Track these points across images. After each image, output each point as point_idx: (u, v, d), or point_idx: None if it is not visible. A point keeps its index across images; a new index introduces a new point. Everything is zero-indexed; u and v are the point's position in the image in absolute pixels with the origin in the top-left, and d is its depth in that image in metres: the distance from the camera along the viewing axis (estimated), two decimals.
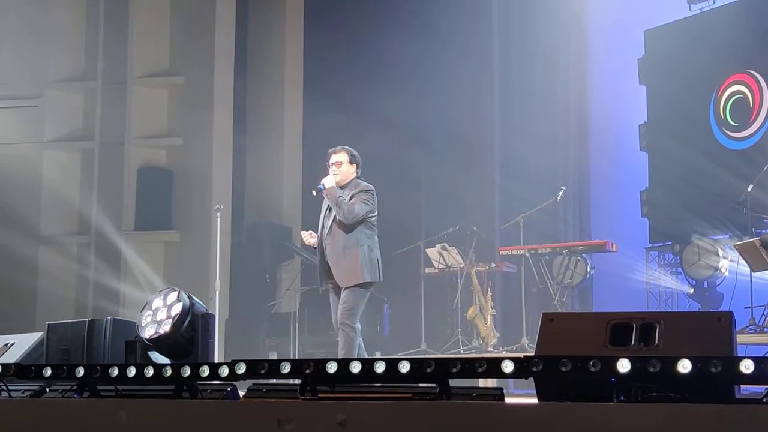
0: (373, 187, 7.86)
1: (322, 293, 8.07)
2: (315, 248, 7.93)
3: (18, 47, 13.21)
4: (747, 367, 3.44)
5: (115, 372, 4.46)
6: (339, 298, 7.76)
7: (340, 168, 7.87)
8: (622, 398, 3.61)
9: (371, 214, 7.82)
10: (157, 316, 5.92)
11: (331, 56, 13.34)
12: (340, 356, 7.50)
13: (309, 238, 7.92)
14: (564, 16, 12.67)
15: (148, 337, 5.86)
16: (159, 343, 5.85)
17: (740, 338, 7.98)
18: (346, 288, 7.68)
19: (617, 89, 12.67)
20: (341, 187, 7.86)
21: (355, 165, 7.91)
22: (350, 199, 7.74)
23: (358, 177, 7.92)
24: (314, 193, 7.96)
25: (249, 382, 4.48)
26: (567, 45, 12.74)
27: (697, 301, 11.07)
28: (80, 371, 4.53)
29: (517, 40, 12.88)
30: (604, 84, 12.85)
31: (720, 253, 10.68)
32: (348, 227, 7.72)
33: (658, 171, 12.15)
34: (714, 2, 11.82)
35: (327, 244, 7.78)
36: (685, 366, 3.50)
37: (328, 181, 7.78)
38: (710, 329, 3.83)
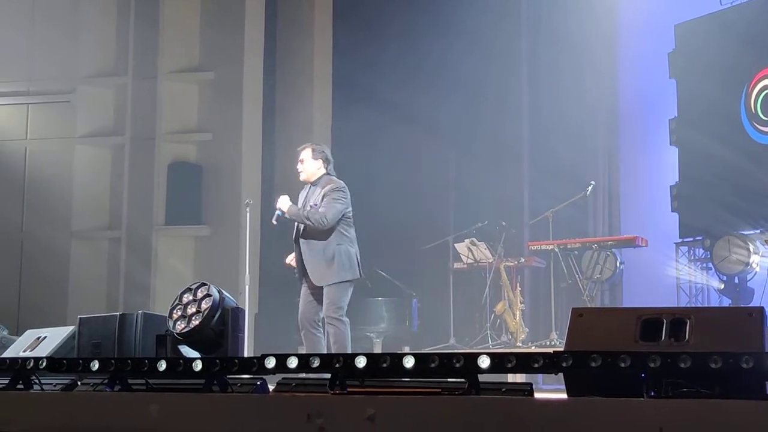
0: (343, 183, 7.79)
1: (299, 282, 7.95)
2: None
3: (50, 44, 13.31)
4: None
5: (146, 366, 4.49)
6: (311, 294, 7.74)
7: (303, 164, 7.84)
8: (652, 394, 3.59)
9: (346, 211, 7.77)
10: (187, 311, 5.95)
11: (360, 52, 13.33)
12: (333, 351, 7.47)
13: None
14: (594, 10, 12.60)
15: (178, 331, 5.88)
16: (189, 337, 5.87)
17: None
18: (326, 286, 7.66)
19: (647, 84, 12.60)
20: (313, 184, 7.85)
21: (320, 160, 7.84)
22: (322, 200, 7.69)
23: (328, 173, 7.89)
24: (274, 222, 7.85)
25: (278, 377, 4.50)
26: (597, 39, 12.68)
27: (727, 297, 11.00)
28: (111, 365, 4.57)
29: (546, 33, 12.83)
30: (634, 78, 12.78)
31: (751, 248, 10.61)
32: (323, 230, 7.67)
33: (688, 166, 12.08)
34: None
35: (302, 244, 7.73)
36: (716, 361, 3.49)
37: (283, 203, 7.69)
38: (741, 324, 3.80)
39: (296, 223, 7.82)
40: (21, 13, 13.39)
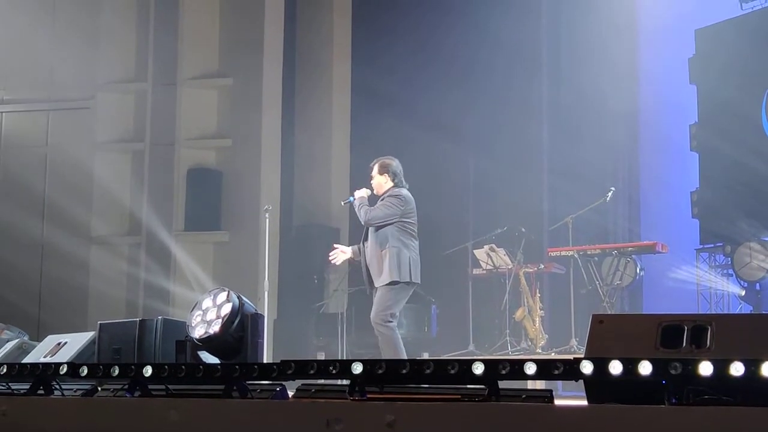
0: (401, 193, 7.90)
1: (369, 294, 8.16)
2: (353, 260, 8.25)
3: (70, 51, 13.37)
4: None
5: (165, 371, 4.50)
6: None
7: (373, 180, 8.07)
8: (673, 401, 3.57)
9: (403, 219, 7.84)
10: (207, 316, 5.96)
11: (378, 58, 13.34)
12: (384, 356, 7.55)
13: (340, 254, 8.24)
14: (614, 15, 12.57)
15: (198, 337, 5.90)
16: (209, 343, 5.89)
17: None
18: (380, 287, 7.79)
19: (667, 89, 12.55)
20: (381, 197, 8.01)
21: (386, 175, 7.99)
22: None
23: (396, 186, 7.97)
24: (342, 203, 8.45)
25: (298, 383, 4.50)
26: (617, 44, 12.63)
27: (748, 303, 10.95)
28: (131, 370, 4.58)
29: (567, 39, 12.81)
30: (654, 84, 12.73)
31: None
32: (378, 230, 7.84)
33: (708, 171, 12.02)
34: (766, 1, 11.68)
35: (365, 248, 7.94)
36: (737, 369, 3.46)
37: (359, 192, 8.03)
38: (763, 331, 3.77)
39: (364, 228, 8.02)
40: (42, 20, 13.47)
